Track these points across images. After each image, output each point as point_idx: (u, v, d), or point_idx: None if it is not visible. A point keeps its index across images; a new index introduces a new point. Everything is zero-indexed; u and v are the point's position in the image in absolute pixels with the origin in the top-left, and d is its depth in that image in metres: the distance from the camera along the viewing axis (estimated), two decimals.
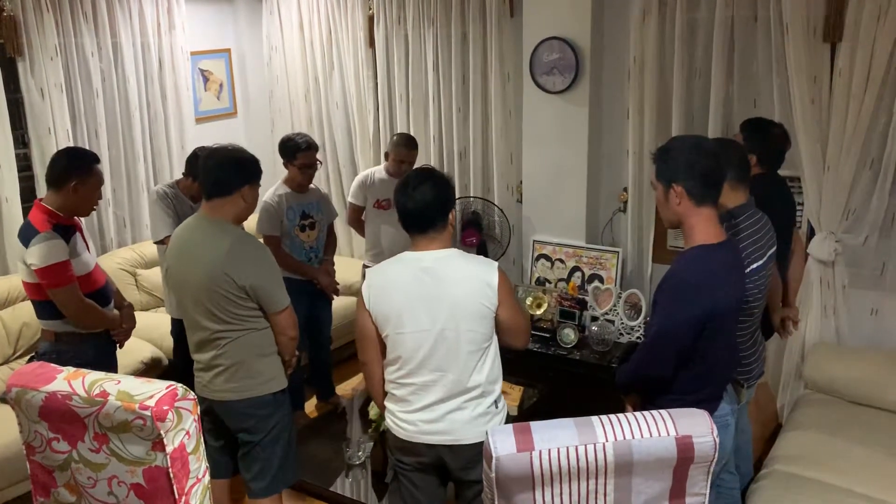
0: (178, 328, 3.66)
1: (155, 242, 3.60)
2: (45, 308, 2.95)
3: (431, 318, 2.29)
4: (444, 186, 2.36)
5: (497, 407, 2.41)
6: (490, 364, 2.37)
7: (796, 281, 3.32)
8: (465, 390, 2.33)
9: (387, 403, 2.46)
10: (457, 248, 2.41)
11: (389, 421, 2.45)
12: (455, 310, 2.29)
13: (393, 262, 2.41)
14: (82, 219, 3.14)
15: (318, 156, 3.97)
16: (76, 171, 2.92)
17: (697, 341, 2.19)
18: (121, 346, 3.22)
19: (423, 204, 2.31)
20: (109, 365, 3.13)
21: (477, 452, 2.32)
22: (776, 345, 3.74)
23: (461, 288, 2.30)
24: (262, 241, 3.62)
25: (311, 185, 4.00)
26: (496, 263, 2.39)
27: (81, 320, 2.97)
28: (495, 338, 2.39)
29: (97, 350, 3.06)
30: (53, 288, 2.86)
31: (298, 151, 3.83)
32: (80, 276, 2.95)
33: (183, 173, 3.70)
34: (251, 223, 4.02)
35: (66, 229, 2.93)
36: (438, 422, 2.34)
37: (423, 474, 2.45)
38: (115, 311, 3.17)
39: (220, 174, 2.63)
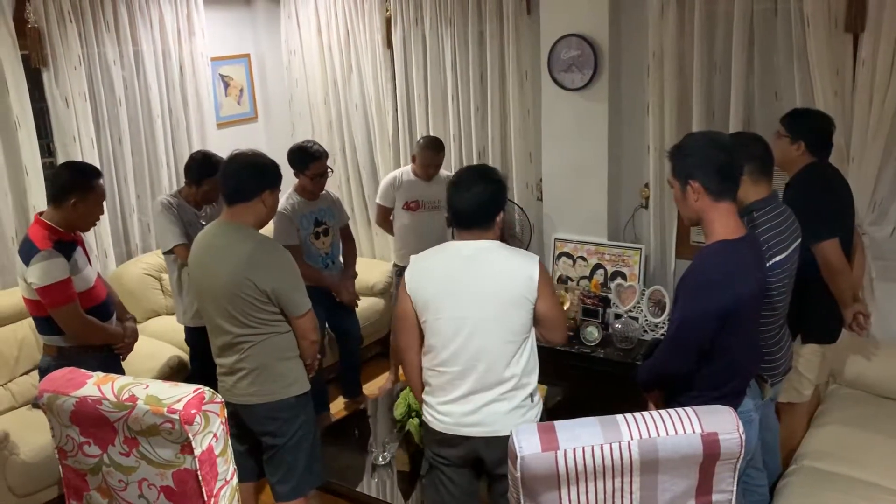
0: (192, 337, 3.69)
1: (164, 253, 3.58)
2: (45, 324, 2.93)
3: (469, 306, 2.33)
4: (498, 188, 2.40)
5: (532, 401, 2.44)
6: (527, 357, 2.40)
7: (860, 273, 3.26)
8: (500, 381, 2.36)
9: (424, 396, 2.49)
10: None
11: (427, 413, 2.48)
12: (494, 299, 2.32)
13: (436, 250, 2.47)
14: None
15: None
16: (77, 188, 2.88)
17: (719, 336, 2.18)
18: (123, 359, 3.19)
19: (474, 205, 2.34)
20: None
21: None
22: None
23: (501, 279, 2.34)
24: None
25: (322, 191, 4.00)
26: (537, 257, 2.43)
27: (82, 338, 2.95)
28: (533, 332, 2.42)
29: (100, 364, 2.94)
30: (54, 307, 2.83)
31: (312, 161, 3.81)
32: (81, 291, 2.91)
33: (185, 182, 3.63)
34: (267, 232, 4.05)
35: (67, 245, 2.89)
36: (475, 414, 2.37)
37: (459, 469, 2.47)
38: (118, 325, 3.13)
39: (240, 180, 2.65)
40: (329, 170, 3.94)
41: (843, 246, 2.93)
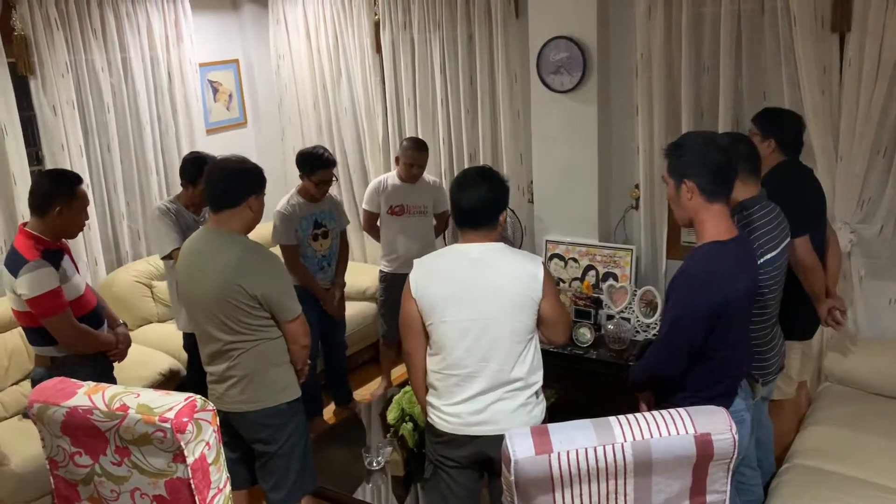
0: (189, 342, 3.67)
1: (162, 258, 3.56)
2: (37, 334, 2.89)
3: (476, 307, 2.35)
4: (500, 188, 2.44)
5: (538, 398, 2.46)
6: (532, 356, 2.42)
7: (835, 270, 3.27)
8: (508, 381, 2.38)
9: (429, 399, 2.49)
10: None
11: (433, 415, 2.48)
12: (501, 300, 2.35)
13: (441, 253, 2.50)
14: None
15: None
16: (59, 195, 2.84)
17: (709, 337, 2.19)
18: (119, 361, 3.18)
19: (477, 204, 2.38)
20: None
21: None
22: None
23: (508, 279, 2.37)
24: (278, 250, 3.65)
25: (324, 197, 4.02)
26: (540, 258, 2.47)
27: (76, 346, 2.92)
28: (536, 331, 2.44)
29: (94, 372, 2.97)
30: (46, 316, 2.81)
31: (319, 168, 3.84)
32: (71, 300, 2.88)
33: (182, 184, 3.59)
34: (266, 233, 4.05)
35: (54, 254, 2.87)
36: (482, 412, 2.39)
37: (464, 470, 2.49)
38: (110, 332, 3.11)
39: (225, 186, 2.64)
40: (335, 178, 3.97)
41: (816, 243, 2.95)
